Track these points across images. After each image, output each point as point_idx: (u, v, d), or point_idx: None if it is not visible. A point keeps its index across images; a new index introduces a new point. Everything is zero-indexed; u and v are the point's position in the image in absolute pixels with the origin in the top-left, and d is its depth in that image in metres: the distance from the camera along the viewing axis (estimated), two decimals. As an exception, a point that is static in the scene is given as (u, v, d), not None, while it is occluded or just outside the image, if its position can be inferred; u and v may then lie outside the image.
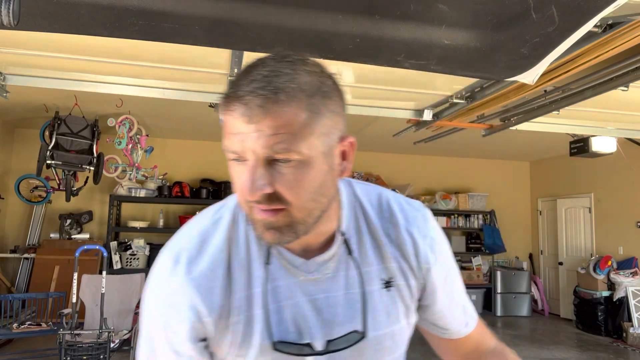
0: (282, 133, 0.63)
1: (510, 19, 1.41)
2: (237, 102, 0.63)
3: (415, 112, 3.65)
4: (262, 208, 0.67)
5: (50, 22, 1.47)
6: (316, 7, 1.42)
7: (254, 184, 0.64)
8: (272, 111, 0.62)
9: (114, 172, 6.49)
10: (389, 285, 0.81)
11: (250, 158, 0.65)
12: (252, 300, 0.75)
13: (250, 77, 0.64)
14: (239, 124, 0.64)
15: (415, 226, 0.83)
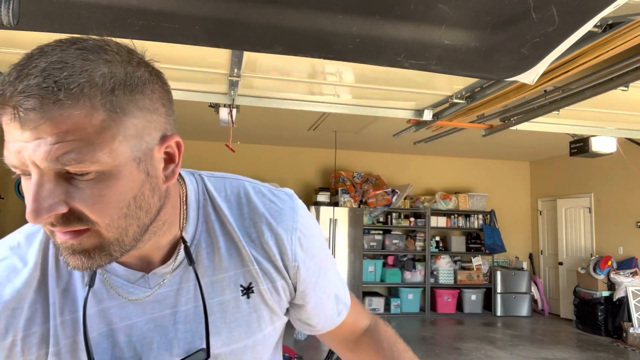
0: (69, 140, 0.50)
1: (510, 19, 1.41)
2: (5, 104, 0.50)
3: (415, 112, 3.65)
4: (59, 230, 0.54)
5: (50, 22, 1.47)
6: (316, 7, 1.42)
7: (41, 203, 0.51)
8: (52, 114, 0.49)
9: (114, 172, 6.49)
10: (249, 291, 0.72)
11: (33, 172, 0.52)
12: (76, 326, 0.64)
13: (24, 71, 0.50)
14: (12, 131, 0.51)
15: (280, 221, 0.74)
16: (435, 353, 5.54)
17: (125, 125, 0.54)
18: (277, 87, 3.18)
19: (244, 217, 0.73)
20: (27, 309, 0.63)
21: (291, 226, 0.74)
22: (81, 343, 0.64)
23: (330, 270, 0.83)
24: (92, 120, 0.51)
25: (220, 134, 6.59)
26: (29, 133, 0.50)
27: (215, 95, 3.27)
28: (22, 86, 0.49)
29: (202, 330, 0.68)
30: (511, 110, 3.84)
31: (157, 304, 0.68)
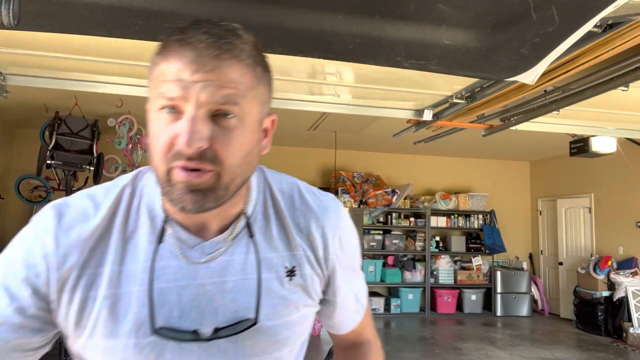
0: (230, 87, 0.62)
1: (510, 19, 1.41)
2: (187, 48, 0.61)
3: (415, 112, 3.65)
4: (189, 166, 0.62)
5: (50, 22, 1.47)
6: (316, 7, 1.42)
7: (194, 135, 0.60)
8: (227, 63, 0.62)
9: (114, 172, 6.49)
10: (292, 274, 0.77)
11: (191, 108, 0.61)
12: (131, 277, 0.69)
13: (200, 28, 0.62)
14: (183, 71, 0.61)
15: (327, 217, 0.81)
16: (435, 353, 5.54)
17: (260, 91, 0.67)
18: (277, 87, 3.15)
19: (295, 208, 0.80)
20: (88, 252, 0.69)
21: (335, 224, 0.81)
22: (138, 293, 0.69)
23: (357, 271, 0.89)
24: (244, 78, 0.64)
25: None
26: (201, 75, 0.61)
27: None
28: (204, 37, 0.61)
29: (248, 301, 0.72)
30: (511, 110, 3.84)
31: (210, 270, 0.72)
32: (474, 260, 8.25)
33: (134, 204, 0.73)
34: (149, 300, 0.68)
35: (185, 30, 0.63)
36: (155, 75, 0.64)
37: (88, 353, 0.70)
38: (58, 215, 0.70)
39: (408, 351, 5.57)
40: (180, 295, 0.70)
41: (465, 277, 8.16)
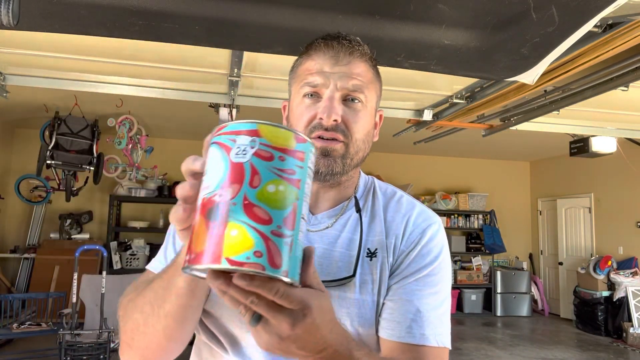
0: (358, 79, 0.81)
1: (510, 19, 1.41)
2: (327, 48, 0.81)
3: (415, 112, 3.64)
4: (326, 135, 0.80)
5: (50, 22, 1.47)
6: (316, 7, 1.42)
7: (332, 110, 0.79)
8: (356, 61, 0.82)
9: (114, 172, 6.49)
10: (373, 255, 0.85)
11: (330, 92, 0.80)
12: None
13: (335, 37, 0.82)
14: (324, 65, 0.81)
15: (415, 215, 0.90)
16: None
17: (377, 86, 0.89)
18: (277, 87, 3.17)
19: (390, 203, 0.93)
20: None
21: (427, 223, 0.89)
22: None
23: (428, 290, 0.82)
24: (369, 73, 0.85)
25: (220, 134, 6.58)
26: (338, 67, 0.81)
27: (215, 95, 3.27)
28: (338, 40, 0.82)
29: (346, 269, 0.83)
30: (511, 110, 3.83)
31: (320, 239, 0.86)
32: (474, 260, 8.25)
33: None
34: None
35: (324, 38, 0.82)
36: (301, 71, 0.84)
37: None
38: None
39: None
40: None
41: (465, 277, 8.16)
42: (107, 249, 5.46)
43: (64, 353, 3.87)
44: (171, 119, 6.17)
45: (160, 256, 0.91)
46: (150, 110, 5.72)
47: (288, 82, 0.91)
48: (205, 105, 3.57)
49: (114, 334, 4.16)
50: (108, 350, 3.95)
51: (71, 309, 4.28)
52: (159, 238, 7.19)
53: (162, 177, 7.06)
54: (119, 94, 3.23)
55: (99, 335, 4.02)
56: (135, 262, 6.66)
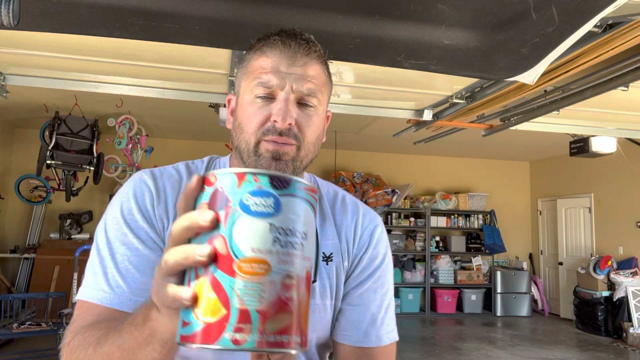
0: (314, 81, 0.79)
1: (510, 19, 1.41)
2: (284, 46, 0.78)
3: (415, 112, 3.64)
4: (278, 140, 0.78)
5: (50, 22, 1.47)
6: (316, 7, 1.42)
7: (287, 114, 0.77)
8: (312, 62, 0.79)
9: (114, 172, 6.49)
10: (328, 259, 0.87)
11: (285, 94, 0.77)
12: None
13: (287, 32, 0.79)
14: (280, 65, 0.77)
15: (366, 217, 0.93)
16: (435, 353, 5.53)
17: (328, 87, 0.85)
18: (277, 87, 3.17)
19: (336, 205, 0.93)
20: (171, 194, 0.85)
21: (373, 224, 0.93)
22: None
23: (380, 292, 0.90)
24: (324, 76, 0.82)
25: (220, 134, 6.59)
26: (295, 68, 0.78)
27: (215, 95, 3.27)
28: (296, 40, 0.78)
29: None
30: (511, 110, 3.84)
31: None
32: (474, 260, 8.25)
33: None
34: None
35: (279, 34, 0.79)
36: (253, 68, 0.80)
37: None
38: (147, 170, 0.88)
39: (408, 351, 5.56)
40: None
41: (465, 277, 8.16)
42: (107, 249, 5.44)
43: (64, 353, 3.86)
44: (171, 119, 6.17)
45: (99, 280, 0.75)
46: (150, 110, 5.72)
47: (236, 76, 0.87)
48: (205, 105, 3.57)
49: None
50: (108, 350, 3.94)
51: (71, 309, 4.27)
52: (159, 238, 7.19)
53: (162, 177, 7.05)
54: (119, 94, 3.23)
55: (99, 335, 4.01)
56: (135, 262, 6.66)
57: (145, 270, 0.77)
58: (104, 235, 0.80)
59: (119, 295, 0.74)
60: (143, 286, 0.75)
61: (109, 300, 0.73)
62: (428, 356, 5.42)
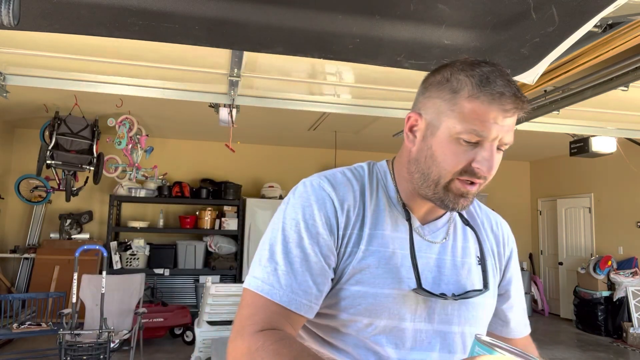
0: (513, 130, 0.83)
1: (510, 19, 1.41)
2: (507, 99, 0.79)
3: (415, 112, 3.63)
4: (473, 181, 0.84)
5: (50, 22, 1.47)
6: (316, 7, 1.42)
7: (494, 166, 0.82)
8: (519, 113, 0.82)
9: (114, 172, 6.49)
10: (481, 262, 0.94)
11: (492, 145, 0.81)
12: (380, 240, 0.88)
13: (500, 77, 0.80)
14: (499, 115, 0.79)
15: (502, 222, 1.05)
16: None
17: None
18: (277, 87, 3.17)
19: (477, 210, 1.03)
20: (357, 214, 0.89)
21: (508, 228, 1.05)
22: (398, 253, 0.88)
23: (521, 285, 1.05)
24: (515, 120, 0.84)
25: (220, 134, 6.59)
26: (507, 121, 0.81)
27: (215, 95, 3.27)
28: (511, 91, 0.79)
29: (456, 277, 0.91)
30: (511, 110, 3.83)
31: (428, 248, 0.91)
32: (474, 260, 8.25)
33: (373, 185, 0.94)
34: (413, 261, 0.86)
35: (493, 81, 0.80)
36: (466, 111, 0.80)
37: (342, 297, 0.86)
38: (322, 176, 0.93)
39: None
40: (423, 264, 0.89)
41: (465, 277, 8.16)
42: (107, 249, 5.46)
43: (64, 353, 3.87)
44: (171, 119, 6.17)
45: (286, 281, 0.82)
46: (150, 110, 5.72)
47: (428, 102, 0.89)
48: (205, 105, 3.57)
49: (113, 334, 4.16)
50: (108, 350, 3.95)
51: (71, 309, 4.28)
52: (159, 238, 7.19)
53: (162, 177, 7.06)
54: (119, 94, 3.23)
55: (99, 335, 4.02)
56: (135, 262, 6.66)
57: (314, 276, 0.83)
58: (281, 234, 0.85)
59: (288, 293, 0.81)
60: (310, 290, 0.82)
61: (279, 296, 0.81)
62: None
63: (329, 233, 0.85)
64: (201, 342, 4.23)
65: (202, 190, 7.12)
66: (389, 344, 0.84)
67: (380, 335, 0.84)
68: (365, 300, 0.84)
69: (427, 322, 0.87)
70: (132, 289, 4.65)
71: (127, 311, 4.56)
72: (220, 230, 7.02)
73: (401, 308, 0.85)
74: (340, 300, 0.85)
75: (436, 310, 0.88)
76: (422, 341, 0.86)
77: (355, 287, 0.84)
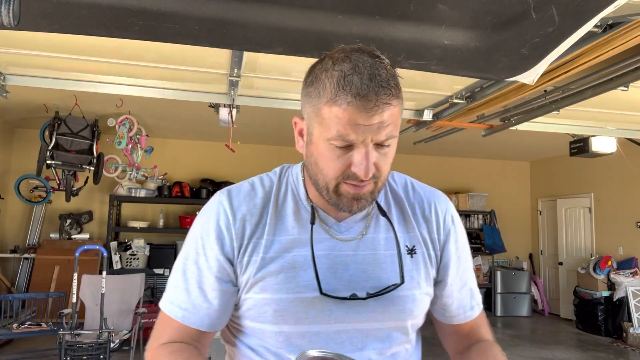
0: (391, 124, 0.77)
1: (510, 19, 1.41)
2: (368, 99, 0.74)
3: (415, 112, 3.64)
4: (359, 185, 0.80)
5: (50, 22, 1.47)
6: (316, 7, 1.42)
7: (370, 166, 0.77)
8: (391, 108, 0.76)
9: (114, 172, 6.49)
10: (412, 252, 0.91)
11: (364, 146, 0.77)
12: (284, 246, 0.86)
13: (359, 74, 0.75)
14: (360, 117, 0.74)
15: (438, 202, 0.96)
16: (436, 353, 5.52)
17: (401, 110, 0.81)
18: (277, 87, 3.17)
19: (409, 196, 0.96)
20: (255, 223, 0.87)
21: (446, 207, 0.97)
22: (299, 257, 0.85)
23: (468, 263, 1.01)
24: (398, 111, 0.78)
25: (220, 134, 6.58)
26: (377, 119, 0.75)
27: (215, 95, 3.27)
28: (371, 86, 0.74)
29: (377, 273, 0.87)
30: (511, 110, 3.83)
31: (345, 245, 0.88)
32: (474, 260, 8.24)
33: (281, 190, 0.92)
34: (313, 265, 0.84)
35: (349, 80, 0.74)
36: (328, 117, 0.77)
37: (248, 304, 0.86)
38: (225, 191, 0.91)
39: (408, 351, 5.54)
40: (334, 263, 0.86)
41: (465, 277, 8.16)
42: (107, 249, 5.46)
43: (64, 353, 3.86)
44: (171, 119, 6.17)
45: (182, 298, 0.86)
46: (150, 110, 5.72)
47: (304, 107, 0.84)
48: (205, 105, 3.57)
49: (113, 334, 4.16)
50: (108, 350, 3.95)
51: (71, 309, 4.28)
52: (159, 238, 7.19)
53: (162, 177, 7.06)
54: (119, 94, 3.23)
55: (99, 335, 4.02)
56: (135, 262, 6.66)
57: (208, 291, 0.85)
58: (184, 251, 0.89)
59: (182, 310, 0.85)
60: (203, 304, 0.85)
61: (174, 313, 0.86)
62: (428, 356, 5.41)
63: (221, 247, 0.85)
64: (201, 342, 4.22)
65: (202, 190, 7.12)
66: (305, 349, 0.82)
67: (292, 341, 0.84)
68: (269, 307, 0.83)
69: (347, 323, 0.85)
70: (132, 289, 4.65)
71: (127, 311, 4.56)
72: (220, 230, 7.01)
73: (309, 311, 0.83)
74: (247, 310, 0.86)
75: (355, 309, 0.85)
76: (345, 342, 0.85)
77: (260, 294, 0.84)
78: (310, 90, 0.81)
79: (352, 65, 0.76)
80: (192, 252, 0.87)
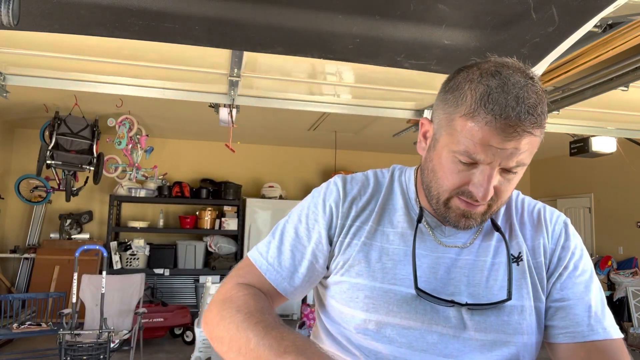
0: (527, 151, 0.73)
1: (510, 19, 1.41)
2: (509, 121, 0.69)
3: (415, 112, 3.64)
4: (472, 203, 0.77)
5: (50, 22, 1.47)
6: (316, 7, 1.42)
7: (489, 189, 0.74)
8: (530, 137, 0.71)
9: (114, 172, 6.49)
10: (518, 260, 0.85)
11: (489, 168, 0.73)
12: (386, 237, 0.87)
13: (506, 94, 0.70)
14: (495, 139, 0.70)
15: (551, 214, 0.91)
16: None
17: (538, 144, 0.75)
18: (277, 87, 3.17)
19: (517, 205, 0.92)
20: (361, 208, 0.89)
21: (561, 220, 0.91)
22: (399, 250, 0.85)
23: (590, 282, 0.86)
24: (538, 141, 0.73)
25: (220, 134, 6.58)
26: (513, 144, 0.70)
27: (215, 95, 3.27)
28: (516, 111, 0.69)
29: (478, 279, 0.84)
30: (511, 110, 3.83)
31: (447, 249, 0.86)
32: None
33: (393, 187, 0.95)
34: (413, 260, 0.82)
35: (495, 98, 0.69)
36: (460, 129, 0.73)
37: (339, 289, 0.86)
38: (341, 175, 0.94)
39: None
40: (435, 264, 0.84)
41: (465, 277, 8.15)
42: (107, 249, 5.46)
43: (64, 353, 3.86)
44: (171, 119, 6.17)
45: (272, 253, 0.89)
46: (150, 110, 5.72)
47: (436, 111, 0.81)
48: (205, 105, 3.57)
49: (114, 334, 4.16)
50: (108, 350, 3.95)
51: (71, 309, 4.28)
52: (159, 238, 7.19)
53: (162, 177, 7.06)
54: (119, 94, 3.23)
55: (99, 335, 4.02)
56: (135, 262, 6.66)
57: (299, 258, 0.88)
58: (288, 216, 0.92)
59: (268, 265, 0.88)
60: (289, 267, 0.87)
61: (259, 264, 0.88)
62: None
63: (326, 222, 0.88)
64: (201, 342, 4.23)
65: (202, 190, 7.12)
66: (392, 343, 0.80)
67: (383, 331, 0.81)
68: (362, 292, 0.83)
69: (443, 326, 0.80)
70: (132, 289, 4.65)
71: (127, 311, 4.56)
72: (220, 230, 7.03)
73: (402, 305, 0.81)
74: (341, 292, 0.86)
75: (452, 314, 0.81)
76: (438, 344, 0.80)
77: (355, 279, 0.84)
78: (448, 97, 0.77)
79: (501, 83, 0.71)
80: (295, 219, 0.90)
